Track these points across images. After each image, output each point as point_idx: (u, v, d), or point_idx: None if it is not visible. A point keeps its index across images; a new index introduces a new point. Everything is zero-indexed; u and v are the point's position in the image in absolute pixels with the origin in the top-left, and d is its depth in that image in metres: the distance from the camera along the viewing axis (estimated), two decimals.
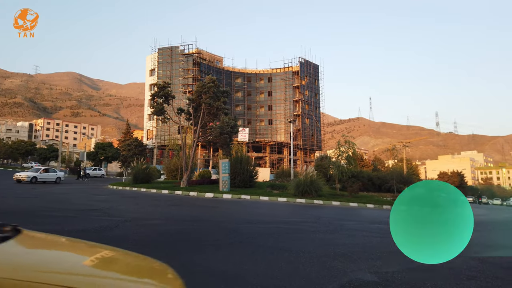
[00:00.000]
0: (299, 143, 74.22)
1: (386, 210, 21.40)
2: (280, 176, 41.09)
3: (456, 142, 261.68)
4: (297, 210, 17.31)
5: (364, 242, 8.50)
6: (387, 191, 36.61)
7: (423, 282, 5.16)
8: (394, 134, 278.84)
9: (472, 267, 6.29)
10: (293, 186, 24.54)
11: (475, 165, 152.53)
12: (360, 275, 5.41)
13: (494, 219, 21.16)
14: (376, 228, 11.85)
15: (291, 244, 7.89)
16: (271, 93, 79.54)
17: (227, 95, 28.42)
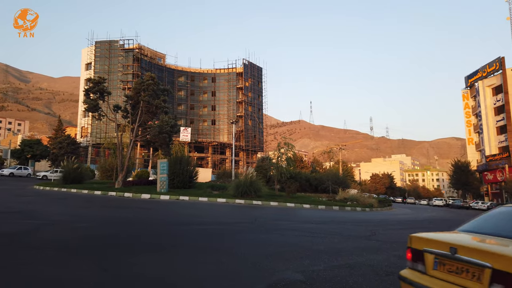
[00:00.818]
0: (241, 144, 74.63)
1: (321, 210, 22.21)
2: (221, 177, 40.92)
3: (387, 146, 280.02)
4: (235, 211, 17.33)
5: (295, 242, 8.72)
6: (323, 191, 38.04)
7: (345, 279, 5.38)
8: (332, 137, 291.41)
9: (392, 264, 6.69)
10: (233, 187, 24.57)
11: (403, 167, 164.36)
12: (288, 274, 5.51)
13: (417, 218, 22.87)
14: (309, 227, 12.24)
15: (224, 245, 7.86)
16: (214, 93, 79.08)
17: (168, 93, 27.73)
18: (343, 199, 29.75)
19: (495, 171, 62.38)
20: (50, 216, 11.36)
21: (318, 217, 16.99)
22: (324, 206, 24.47)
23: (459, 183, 67.78)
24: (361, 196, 32.66)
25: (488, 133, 65.38)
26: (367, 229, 12.79)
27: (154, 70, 68.10)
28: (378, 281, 5.43)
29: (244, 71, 77.34)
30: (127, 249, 6.89)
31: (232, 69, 78.56)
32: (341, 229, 12.34)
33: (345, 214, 20.97)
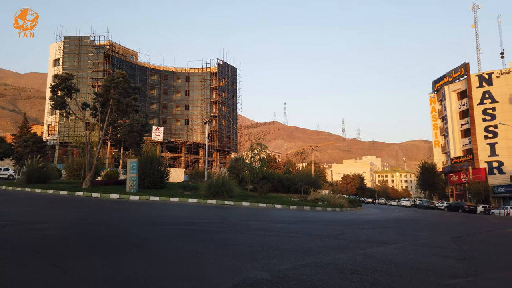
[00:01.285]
0: (215, 145, 74.24)
1: (292, 211, 22.40)
2: (194, 177, 40.59)
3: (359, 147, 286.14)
4: (206, 211, 17.20)
5: (265, 241, 8.74)
6: (295, 192, 38.42)
7: (311, 278, 5.44)
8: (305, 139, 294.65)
9: (357, 262, 6.82)
10: (205, 187, 24.42)
11: (374, 169, 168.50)
12: (254, 274, 5.50)
13: (385, 218, 23.47)
14: (279, 227, 12.31)
15: (193, 245, 7.77)
16: (188, 92, 78.26)
17: (139, 91, 27.18)
18: (314, 200, 30.15)
19: (460, 172, 65.02)
20: (10, 217, 10.88)
21: (289, 217, 17.12)
22: (295, 206, 24.70)
23: (426, 184, 70.22)
24: (332, 196, 33.24)
25: (453, 136, 68.06)
26: (335, 228, 13.01)
27: (126, 68, 66.67)
28: (343, 279, 5.51)
29: (219, 71, 76.99)
30: (90, 250, 6.69)
31: (206, 68, 78.03)
32: (310, 228, 12.49)
33: (315, 214, 21.25)
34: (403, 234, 13.02)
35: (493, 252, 10.89)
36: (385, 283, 5.48)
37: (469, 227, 19.94)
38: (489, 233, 17.34)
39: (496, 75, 62.02)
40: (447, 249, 10.06)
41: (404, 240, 11.09)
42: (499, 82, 61.47)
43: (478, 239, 14.01)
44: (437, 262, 7.90)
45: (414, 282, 5.74)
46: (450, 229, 18.13)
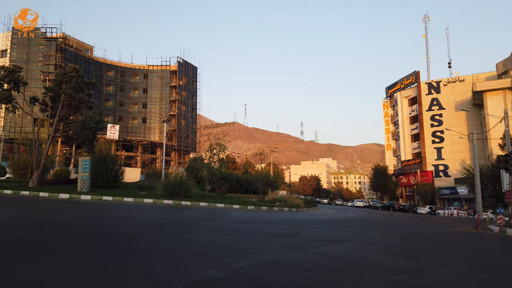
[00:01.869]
0: (173, 144, 72.88)
1: (250, 211, 22.50)
2: (150, 177, 39.71)
3: (316, 149, 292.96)
4: (162, 212, 16.85)
5: (221, 241, 8.70)
6: (253, 192, 38.63)
7: (265, 276, 5.48)
8: (265, 140, 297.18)
9: (310, 260, 6.98)
10: (162, 187, 23.96)
11: (330, 170, 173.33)
12: (209, 273, 5.46)
13: (339, 218, 24.21)
14: (236, 227, 12.31)
15: (146, 246, 7.58)
16: (146, 90, 76.21)
17: (93, 87, 26.08)
18: (272, 200, 30.47)
19: (409, 175, 68.53)
20: None
21: (246, 217, 17.18)
22: (253, 206, 24.84)
23: (378, 185, 73.34)
24: (289, 197, 33.78)
25: (404, 140, 71.64)
26: (291, 228, 13.23)
27: (80, 62, 63.72)
28: (296, 277, 5.61)
29: (179, 70, 75.69)
30: (34, 252, 6.31)
31: (166, 66, 76.43)
32: (266, 228, 12.60)
33: (272, 214, 21.48)
34: (355, 233, 13.49)
35: (437, 249, 11.58)
36: (336, 280, 5.64)
37: (416, 227, 21.05)
38: (434, 232, 18.41)
39: (444, 84, 66.09)
40: (395, 247, 10.55)
41: (356, 239, 11.49)
42: (446, 90, 65.52)
43: (424, 237, 14.83)
44: (385, 259, 8.27)
45: (363, 279, 5.95)
46: (399, 228, 19.04)
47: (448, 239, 15.69)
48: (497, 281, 7.21)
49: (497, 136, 41.70)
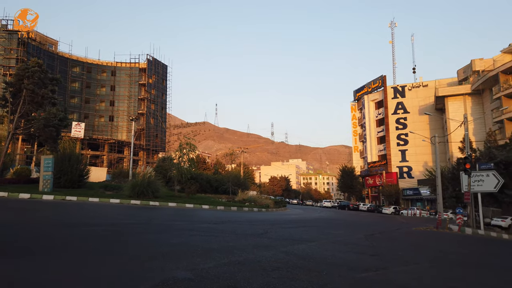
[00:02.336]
0: (142, 143, 71.34)
1: (219, 211, 22.42)
2: (117, 177, 38.75)
3: (286, 150, 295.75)
4: (129, 212, 16.48)
5: (189, 241, 8.63)
6: (223, 192, 38.52)
7: (234, 275, 5.50)
8: (235, 140, 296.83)
9: (279, 259, 7.06)
10: (129, 187, 23.44)
11: (299, 171, 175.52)
12: (176, 273, 5.41)
13: (307, 218, 24.58)
14: (205, 227, 12.25)
15: (112, 247, 7.40)
16: (114, 87, 74.13)
17: (57, 83, 25.11)
18: (242, 200, 30.50)
19: (375, 176, 70.59)
20: None
21: (216, 217, 17.11)
22: (223, 206, 24.78)
23: (345, 186, 75.04)
24: (259, 197, 33.94)
25: (370, 143, 73.70)
26: (260, 228, 13.30)
27: (44, 57, 61.10)
28: (264, 276, 5.66)
29: (148, 67, 74.16)
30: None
31: (135, 63, 74.69)
32: (236, 228, 12.61)
33: (242, 214, 21.51)
34: (323, 233, 13.76)
35: (400, 248, 12.01)
36: (304, 278, 5.74)
37: (381, 226, 21.73)
38: (398, 231, 19.08)
39: (409, 88, 68.56)
40: (361, 246, 10.86)
41: (323, 238, 11.73)
42: (410, 95, 68.01)
43: (388, 236, 15.34)
44: (351, 258, 8.50)
45: (330, 277, 6.09)
46: (365, 228, 19.59)
47: (411, 238, 16.31)
48: (454, 278, 7.58)
49: (457, 139, 43.72)
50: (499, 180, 21.43)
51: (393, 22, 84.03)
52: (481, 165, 23.10)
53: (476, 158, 28.16)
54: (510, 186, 22.59)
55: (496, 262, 11.29)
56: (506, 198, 22.90)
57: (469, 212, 23.75)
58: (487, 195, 24.03)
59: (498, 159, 23.51)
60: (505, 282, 7.88)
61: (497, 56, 48.21)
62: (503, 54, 47.02)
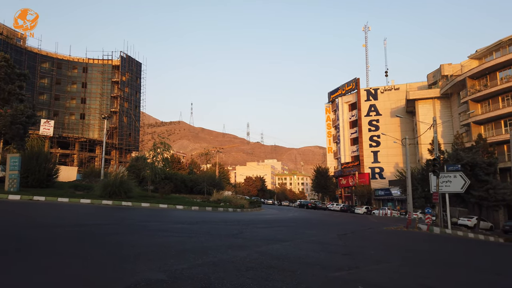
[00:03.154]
0: (114, 142, 69.78)
1: (194, 211, 22.22)
2: (88, 176, 37.71)
3: (261, 151, 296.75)
4: (101, 212, 16.07)
5: (163, 242, 8.51)
6: (198, 193, 38.22)
7: (208, 276, 5.45)
8: (211, 140, 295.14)
9: (253, 260, 7.06)
10: (101, 187, 22.86)
11: (274, 171, 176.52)
12: (149, 275, 5.31)
13: (282, 218, 24.75)
14: (179, 228, 12.10)
15: (83, 248, 7.17)
16: (85, 84, 72.12)
17: (25, 79, 24.20)
18: (217, 200, 30.37)
19: (348, 177, 71.94)
20: None
21: (190, 217, 16.95)
22: (197, 207, 24.58)
23: (319, 186, 76.08)
24: (234, 197, 33.89)
25: (344, 144, 75.07)
26: (235, 228, 13.28)
27: (11, 51, 58.68)
28: (239, 276, 5.65)
29: (122, 65, 72.60)
30: None
31: (108, 60, 72.95)
32: (210, 229, 12.53)
33: (217, 214, 21.41)
34: (297, 232, 13.89)
35: (372, 247, 12.29)
36: (277, 278, 5.77)
37: (353, 226, 22.17)
38: (369, 231, 19.51)
39: (381, 91, 70.31)
40: (334, 245, 11.04)
41: (297, 238, 11.84)
42: (383, 97, 69.76)
43: (360, 236, 15.67)
44: (324, 257, 8.62)
45: (303, 276, 6.15)
46: (338, 227, 19.91)
47: (382, 237, 16.72)
48: (424, 276, 7.83)
49: (426, 141, 45.19)
50: (465, 181, 22.32)
51: (366, 26, 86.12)
52: (449, 166, 24.00)
53: (444, 160, 29.23)
54: (475, 187, 23.56)
55: (462, 260, 11.76)
56: (472, 198, 23.88)
57: (437, 212, 24.61)
58: (454, 195, 24.97)
59: (465, 161, 24.47)
60: (472, 279, 8.20)
61: (465, 62, 50.20)
62: (470, 60, 49.00)
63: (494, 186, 23.30)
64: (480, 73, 44.10)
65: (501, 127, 41.53)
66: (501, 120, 41.59)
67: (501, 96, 41.87)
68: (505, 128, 40.73)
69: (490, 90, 41.92)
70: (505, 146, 39.53)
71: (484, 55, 46.91)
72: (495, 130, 41.95)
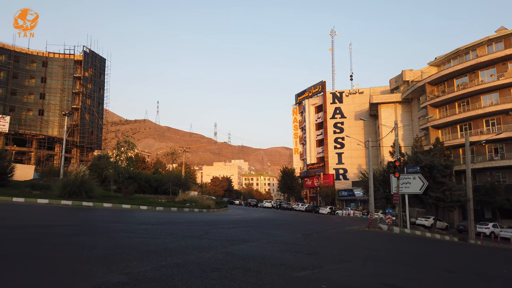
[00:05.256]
0: (75, 140, 67.07)
1: (158, 212, 21.82)
2: (46, 175, 36.06)
3: (229, 151, 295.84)
4: (60, 213, 15.43)
5: (125, 243, 8.28)
6: (163, 193, 37.51)
7: (172, 278, 5.36)
8: (177, 140, 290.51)
9: (219, 260, 7.03)
10: (60, 187, 21.96)
11: (241, 172, 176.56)
12: (110, 278, 5.16)
13: (248, 218, 24.78)
14: (143, 229, 11.83)
15: (38, 251, 6.84)
16: (45, 79, 68.81)
17: None
18: (182, 201, 29.94)
19: (313, 177, 73.21)
20: None
21: (155, 218, 16.61)
22: (162, 207, 24.15)
23: (286, 187, 76.87)
24: (201, 198, 33.55)
25: (310, 145, 76.34)
26: (201, 229, 13.16)
27: None
28: (204, 277, 5.60)
29: (84, 60, 69.93)
30: None
31: (70, 55, 70.02)
32: (175, 229, 12.34)
33: (182, 215, 21.12)
34: (263, 233, 13.96)
35: (335, 247, 12.57)
36: (242, 278, 5.77)
37: (318, 226, 22.58)
38: (333, 230, 19.95)
39: (346, 94, 72.11)
40: (298, 245, 11.19)
41: (263, 238, 11.90)
42: (347, 101, 71.58)
43: (324, 236, 15.98)
44: (289, 257, 8.72)
45: (269, 276, 6.19)
46: (303, 227, 20.23)
47: (345, 237, 17.15)
48: (384, 274, 8.10)
49: (388, 144, 46.87)
50: (423, 183, 23.33)
51: (333, 30, 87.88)
52: (409, 168, 25.00)
53: (404, 162, 30.41)
54: (433, 188, 24.65)
55: (421, 259, 12.29)
56: (430, 199, 24.97)
57: (398, 212, 25.57)
58: (413, 196, 26.02)
59: (424, 163, 25.54)
60: (428, 277, 8.58)
61: (425, 68, 52.52)
62: (430, 67, 51.33)
63: (450, 187, 24.47)
64: (439, 80, 46.31)
65: (457, 131, 43.81)
66: (457, 125, 43.88)
67: (457, 102, 44.16)
68: (461, 133, 43.00)
69: (447, 96, 44.10)
70: (461, 150, 41.74)
71: (442, 62, 49.30)
72: (452, 134, 44.18)
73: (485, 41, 42.38)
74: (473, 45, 43.87)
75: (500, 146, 39.47)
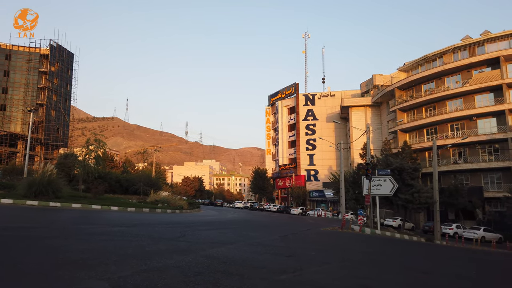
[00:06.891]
0: (40, 137, 64.30)
1: (130, 213, 21.28)
2: (9, 174, 34.64)
3: (200, 151, 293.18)
4: (26, 214, 14.71)
5: (101, 247, 7.98)
6: (134, 193, 36.64)
7: (154, 283, 5.20)
8: (147, 138, 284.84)
9: (199, 264, 6.89)
10: (25, 186, 20.95)
11: (213, 172, 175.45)
12: (90, 284, 4.93)
13: (223, 219, 24.62)
14: (116, 231, 11.45)
15: (7, 255, 6.45)
16: (8, 73, 65.58)
17: None
18: (154, 201, 29.35)
19: (285, 178, 73.82)
20: None
21: (128, 219, 16.17)
22: (134, 208, 23.57)
23: (257, 187, 77.03)
24: (173, 198, 32.99)
25: (282, 146, 76.92)
26: (177, 231, 12.91)
27: None
28: (187, 282, 5.47)
29: (51, 54, 67.16)
30: None
31: (36, 48, 67.05)
32: (151, 231, 12.04)
33: (155, 216, 20.69)
34: (240, 235, 13.88)
35: (312, 248, 12.69)
36: (226, 282, 5.68)
37: (292, 227, 22.75)
38: (308, 231, 20.16)
39: (318, 97, 73.22)
40: (277, 247, 11.20)
41: (241, 240, 11.82)
42: (320, 103, 72.69)
43: (300, 237, 16.12)
44: (269, 260, 8.70)
45: (252, 280, 6.14)
46: (278, 229, 20.31)
47: (320, 238, 17.36)
48: (363, 276, 8.24)
49: (358, 146, 47.95)
50: (394, 185, 24.02)
51: (306, 33, 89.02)
52: (380, 171, 25.66)
53: (374, 165, 31.21)
54: (403, 190, 25.42)
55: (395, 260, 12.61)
56: (399, 201, 25.72)
57: (368, 214, 26.21)
58: (383, 198, 26.73)
59: (394, 166, 26.30)
60: (406, 278, 8.81)
61: (394, 73, 54.18)
62: (399, 72, 53.01)
63: (418, 190, 25.33)
64: (407, 85, 47.92)
65: (424, 135, 45.48)
66: (424, 129, 45.54)
67: (424, 106, 45.86)
68: (427, 136, 44.68)
69: (415, 101, 45.71)
70: (427, 153, 43.38)
71: (411, 68, 51.05)
72: (419, 138, 45.83)
73: (451, 49, 44.24)
74: (440, 52, 45.69)
75: (463, 150, 41.30)
